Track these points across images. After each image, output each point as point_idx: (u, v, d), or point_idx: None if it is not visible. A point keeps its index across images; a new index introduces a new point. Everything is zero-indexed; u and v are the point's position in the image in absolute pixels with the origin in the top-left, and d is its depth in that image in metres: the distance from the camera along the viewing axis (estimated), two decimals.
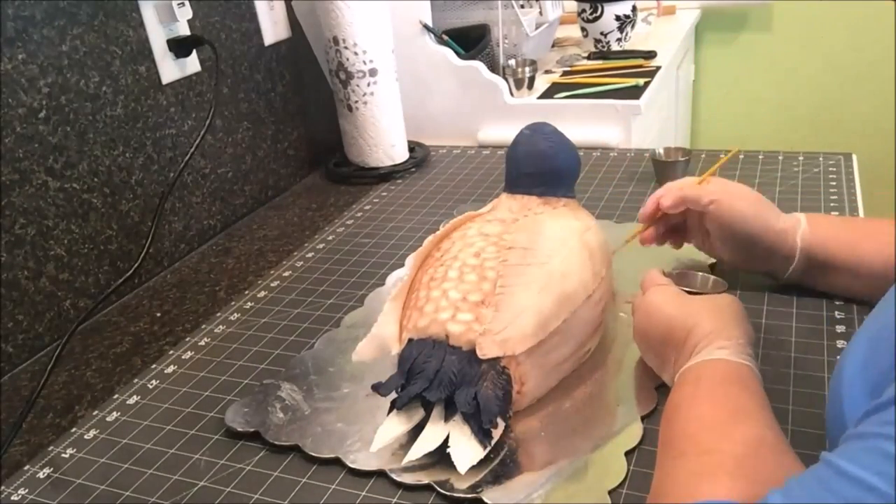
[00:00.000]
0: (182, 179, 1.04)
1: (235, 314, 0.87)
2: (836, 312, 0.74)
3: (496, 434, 0.60)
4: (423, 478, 0.59)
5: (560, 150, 0.77)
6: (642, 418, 0.63)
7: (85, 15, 0.89)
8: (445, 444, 0.59)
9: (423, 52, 1.36)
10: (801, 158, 1.10)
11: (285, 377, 0.73)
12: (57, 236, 0.87)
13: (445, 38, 1.40)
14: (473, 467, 0.58)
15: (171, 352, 0.81)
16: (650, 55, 1.64)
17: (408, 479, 0.59)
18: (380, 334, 0.67)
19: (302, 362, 0.75)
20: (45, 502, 0.62)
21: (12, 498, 0.63)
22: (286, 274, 0.95)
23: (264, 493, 0.60)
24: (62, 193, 0.87)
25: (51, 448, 0.68)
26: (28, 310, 0.84)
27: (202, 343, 0.82)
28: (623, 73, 1.52)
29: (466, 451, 0.58)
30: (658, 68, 1.56)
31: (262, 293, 0.91)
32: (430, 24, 1.35)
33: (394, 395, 0.62)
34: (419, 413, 0.62)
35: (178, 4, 1.00)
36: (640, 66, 1.58)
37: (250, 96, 1.17)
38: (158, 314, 0.91)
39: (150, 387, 0.76)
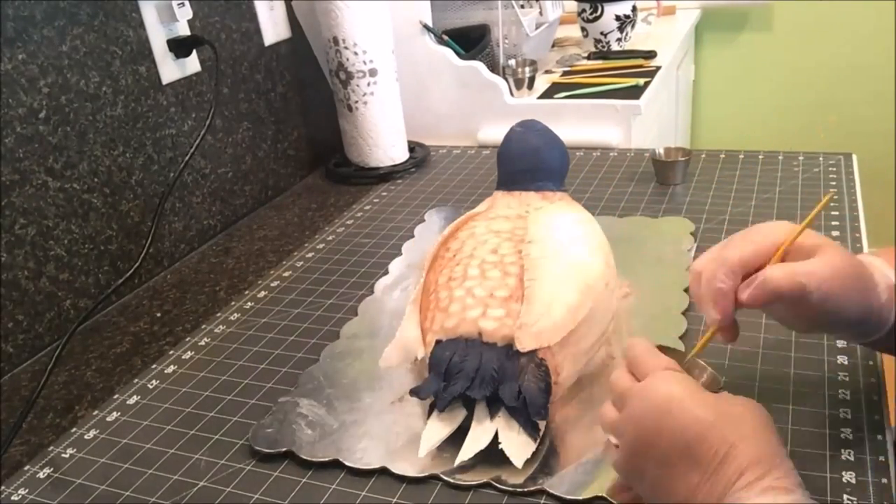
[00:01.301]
0: (182, 179, 1.04)
1: (235, 314, 0.87)
2: None
3: (542, 426, 0.60)
4: (479, 477, 0.59)
5: (552, 145, 0.80)
6: None
7: (85, 15, 0.89)
8: (494, 441, 0.59)
9: (423, 52, 1.36)
10: (801, 158, 1.10)
11: (300, 394, 0.71)
12: (57, 236, 0.87)
13: (445, 38, 1.40)
14: (526, 461, 0.58)
15: (171, 352, 0.81)
16: (650, 55, 1.64)
17: (464, 480, 0.59)
18: (405, 338, 0.67)
19: (312, 377, 0.73)
20: (45, 502, 0.62)
21: (12, 498, 0.63)
22: (286, 274, 0.95)
23: (264, 493, 0.60)
24: (62, 193, 0.87)
25: (51, 448, 0.68)
26: (28, 310, 0.84)
27: (202, 343, 0.82)
28: (623, 73, 1.52)
29: (518, 445, 0.59)
30: (658, 68, 1.56)
31: (262, 293, 0.91)
32: (430, 24, 1.35)
33: (431, 398, 0.62)
34: (461, 413, 0.62)
35: (178, 4, 1.00)
36: (640, 66, 1.58)
37: (250, 96, 1.17)
38: (158, 314, 0.91)
39: (150, 387, 0.76)
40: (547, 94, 1.42)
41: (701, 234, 0.91)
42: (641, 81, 1.42)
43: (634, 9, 1.74)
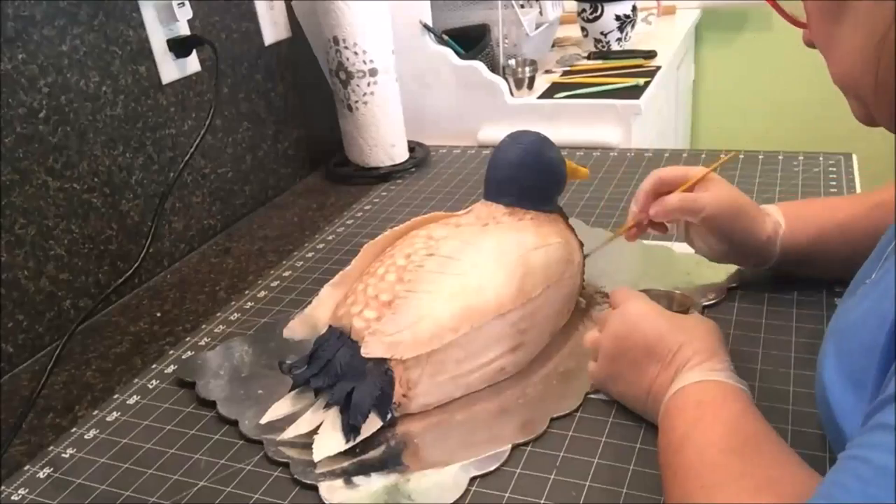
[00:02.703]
0: (182, 179, 1.04)
1: (235, 314, 0.87)
2: None
3: (366, 431, 0.62)
4: (292, 455, 0.62)
5: (532, 162, 0.74)
6: (518, 445, 0.62)
7: (85, 15, 0.89)
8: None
9: (423, 52, 1.36)
10: (801, 158, 1.10)
11: (250, 339, 0.80)
12: (57, 236, 0.87)
13: (445, 38, 1.40)
14: (336, 458, 0.61)
15: (171, 352, 0.81)
16: (650, 55, 1.64)
17: (275, 453, 0.63)
18: (312, 315, 0.71)
19: (275, 332, 0.78)
20: (45, 502, 0.62)
21: (12, 498, 0.63)
22: (286, 274, 0.95)
23: (264, 493, 0.60)
24: (62, 193, 0.87)
25: (51, 448, 0.68)
26: (28, 310, 0.84)
27: (202, 343, 0.82)
28: (623, 73, 1.52)
29: (328, 441, 0.61)
30: (658, 68, 1.56)
31: (262, 293, 0.91)
32: (430, 24, 1.35)
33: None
34: (309, 398, 0.66)
35: (178, 4, 1.00)
36: (640, 66, 1.58)
37: (250, 96, 1.17)
38: (158, 314, 0.91)
39: (150, 387, 0.76)
40: (547, 94, 1.42)
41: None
42: (641, 81, 1.42)
43: (634, 9, 1.74)
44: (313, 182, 1.29)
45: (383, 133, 1.22)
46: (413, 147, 1.30)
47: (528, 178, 0.74)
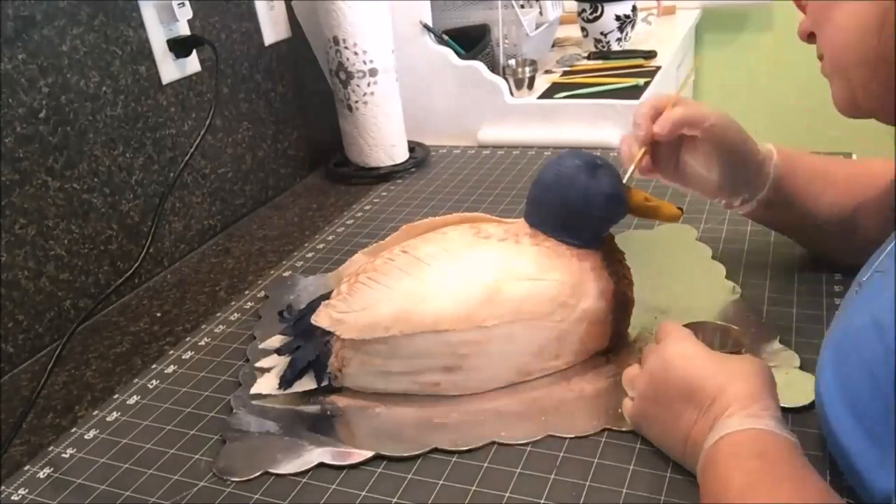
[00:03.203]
0: (182, 179, 1.04)
1: (235, 314, 0.87)
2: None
3: (297, 387, 0.70)
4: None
5: (560, 188, 0.68)
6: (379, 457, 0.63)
7: (85, 15, 0.89)
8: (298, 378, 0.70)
9: (423, 52, 1.36)
10: None
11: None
12: (57, 236, 0.87)
13: (445, 38, 1.40)
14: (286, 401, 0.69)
15: (171, 352, 0.81)
16: (650, 55, 1.64)
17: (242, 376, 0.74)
18: (339, 274, 0.81)
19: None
20: (45, 502, 0.62)
21: (12, 498, 0.63)
22: (286, 274, 0.95)
23: (264, 494, 0.60)
24: (62, 193, 0.87)
25: (51, 448, 0.68)
26: (28, 310, 0.84)
27: (202, 343, 0.82)
28: (623, 73, 1.52)
29: (268, 382, 0.71)
30: (658, 68, 1.56)
31: (262, 293, 0.91)
32: (430, 24, 1.35)
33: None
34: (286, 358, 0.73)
35: (178, 4, 1.00)
36: (640, 66, 1.58)
37: (250, 96, 1.17)
38: (158, 314, 0.91)
39: (150, 387, 0.76)
40: (547, 94, 1.42)
41: (701, 234, 0.91)
42: (641, 81, 1.42)
43: (634, 9, 1.74)
44: (313, 182, 1.29)
45: (383, 133, 1.22)
46: (413, 147, 1.30)
47: (552, 203, 0.69)
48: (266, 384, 0.71)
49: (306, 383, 0.70)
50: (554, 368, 0.69)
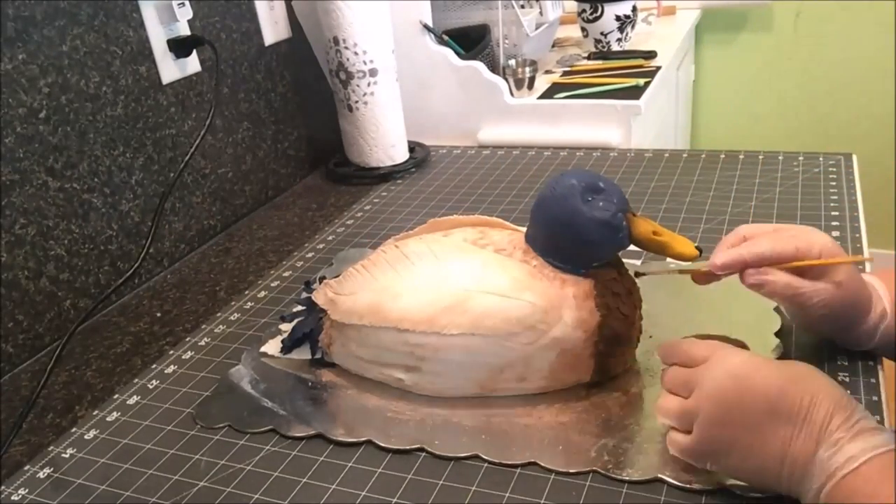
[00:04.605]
0: (182, 179, 1.04)
1: (235, 314, 0.87)
2: None
3: (296, 354, 0.76)
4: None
5: (547, 208, 0.65)
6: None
7: (85, 15, 0.89)
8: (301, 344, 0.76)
9: (423, 52, 1.36)
10: (801, 158, 1.10)
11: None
12: (57, 236, 0.87)
13: (445, 38, 1.40)
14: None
15: (171, 352, 0.81)
16: (650, 55, 1.64)
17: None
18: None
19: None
20: (45, 502, 0.62)
21: (12, 498, 0.63)
22: (286, 274, 0.95)
23: (264, 493, 0.60)
24: (62, 193, 0.87)
25: (51, 448, 0.68)
26: (28, 310, 0.84)
27: (202, 343, 0.82)
28: (623, 73, 1.52)
29: (274, 344, 0.79)
30: (658, 68, 1.56)
31: (262, 293, 0.91)
32: (430, 24, 1.35)
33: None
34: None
35: (178, 4, 1.00)
36: (641, 67, 1.58)
37: (250, 96, 1.17)
38: (158, 314, 0.91)
39: (150, 387, 0.76)
40: (547, 95, 1.42)
41: (701, 235, 0.91)
42: (641, 81, 1.42)
43: (634, 9, 1.74)
44: (313, 182, 1.29)
45: (383, 133, 1.22)
46: (413, 147, 1.30)
47: (542, 223, 0.66)
48: (273, 346, 0.78)
49: (303, 352, 0.76)
50: (521, 390, 0.66)
